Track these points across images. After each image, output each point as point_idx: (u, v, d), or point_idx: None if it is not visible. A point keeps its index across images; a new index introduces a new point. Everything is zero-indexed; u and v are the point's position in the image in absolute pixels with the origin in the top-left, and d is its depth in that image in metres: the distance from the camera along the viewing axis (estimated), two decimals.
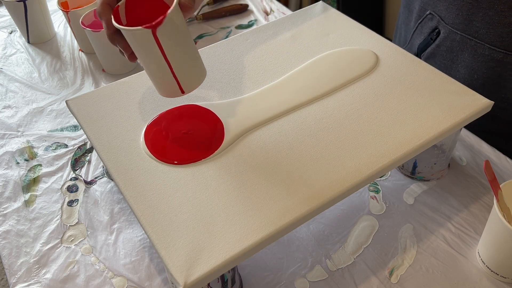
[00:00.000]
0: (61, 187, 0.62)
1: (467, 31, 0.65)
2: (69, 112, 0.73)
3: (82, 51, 0.87)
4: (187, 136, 0.52)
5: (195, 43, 0.87)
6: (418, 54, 0.75)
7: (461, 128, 0.57)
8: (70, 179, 0.63)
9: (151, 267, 0.53)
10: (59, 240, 0.56)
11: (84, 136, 0.69)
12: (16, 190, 0.62)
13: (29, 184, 0.63)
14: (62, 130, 0.71)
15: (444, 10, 0.68)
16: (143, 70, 0.61)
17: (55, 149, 0.68)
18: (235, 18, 0.94)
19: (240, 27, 0.91)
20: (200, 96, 0.58)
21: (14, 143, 0.69)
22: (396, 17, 1.98)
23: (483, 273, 0.51)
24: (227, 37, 0.89)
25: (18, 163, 0.66)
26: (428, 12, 0.71)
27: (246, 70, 0.61)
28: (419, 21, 0.74)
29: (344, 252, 0.53)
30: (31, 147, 0.68)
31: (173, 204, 0.45)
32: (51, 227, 0.57)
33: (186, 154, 0.50)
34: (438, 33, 0.70)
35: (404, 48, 0.62)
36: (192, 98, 0.57)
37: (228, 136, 0.52)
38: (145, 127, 0.54)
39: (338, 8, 1.90)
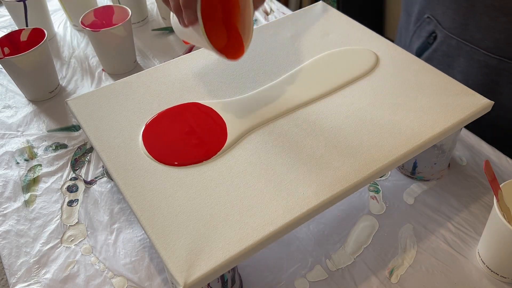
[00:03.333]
0: (61, 187, 0.62)
1: (462, 36, 0.65)
2: (69, 112, 0.73)
3: None
4: (188, 137, 0.52)
5: None
6: None
7: (461, 128, 0.57)
8: (70, 179, 0.63)
9: (151, 267, 0.53)
10: (59, 240, 0.56)
11: (84, 136, 0.69)
12: (16, 190, 0.62)
13: (29, 184, 0.63)
14: (62, 130, 0.71)
15: (441, 14, 0.68)
16: (143, 70, 0.61)
17: (55, 149, 0.68)
18: None
19: None
20: (199, 96, 0.58)
21: (14, 143, 0.69)
22: (396, 17, 1.98)
23: (483, 273, 0.51)
24: None
25: (18, 163, 0.66)
26: (426, 16, 0.71)
27: (246, 70, 0.61)
28: (418, 25, 0.74)
29: (344, 252, 0.53)
30: (31, 147, 0.68)
31: (173, 204, 0.45)
32: (51, 227, 0.57)
33: (187, 156, 0.50)
34: (435, 38, 0.70)
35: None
36: (191, 98, 0.57)
37: (231, 136, 0.52)
38: (143, 127, 0.54)
39: (338, 8, 1.90)
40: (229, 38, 0.54)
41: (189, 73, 0.61)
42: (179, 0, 0.48)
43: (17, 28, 0.86)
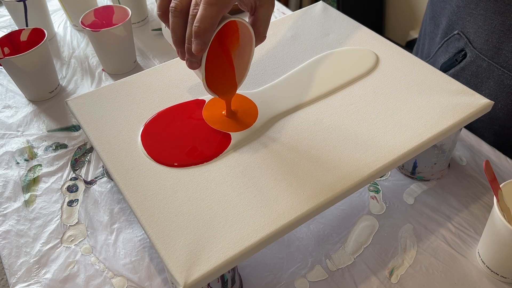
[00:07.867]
0: (61, 187, 0.62)
1: (495, 59, 0.62)
2: (69, 112, 0.73)
3: None
4: (188, 137, 0.52)
5: None
6: None
7: (461, 128, 0.57)
8: (70, 179, 0.63)
9: (151, 267, 0.53)
10: (59, 240, 0.56)
11: (84, 136, 0.69)
12: (16, 190, 0.62)
13: (29, 184, 0.63)
14: (62, 130, 0.71)
15: (473, 33, 0.64)
16: (143, 70, 0.61)
17: (55, 149, 0.68)
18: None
19: None
20: (198, 97, 0.57)
21: (14, 143, 0.69)
22: (396, 17, 1.98)
23: (483, 273, 0.51)
24: None
25: (18, 163, 0.66)
26: (456, 32, 0.67)
27: None
28: (445, 39, 0.70)
29: (344, 252, 0.53)
30: (31, 147, 0.68)
31: (173, 204, 0.45)
32: (51, 227, 0.57)
33: (187, 157, 0.50)
34: (464, 56, 0.66)
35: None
36: (191, 98, 0.57)
37: (234, 139, 0.51)
38: (143, 127, 0.54)
39: (338, 8, 1.90)
40: (224, 68, 0.53)
41: (189, 73, 0.61)
42: (184, 39, 0.45)
43: (17, 28, 0.86)
